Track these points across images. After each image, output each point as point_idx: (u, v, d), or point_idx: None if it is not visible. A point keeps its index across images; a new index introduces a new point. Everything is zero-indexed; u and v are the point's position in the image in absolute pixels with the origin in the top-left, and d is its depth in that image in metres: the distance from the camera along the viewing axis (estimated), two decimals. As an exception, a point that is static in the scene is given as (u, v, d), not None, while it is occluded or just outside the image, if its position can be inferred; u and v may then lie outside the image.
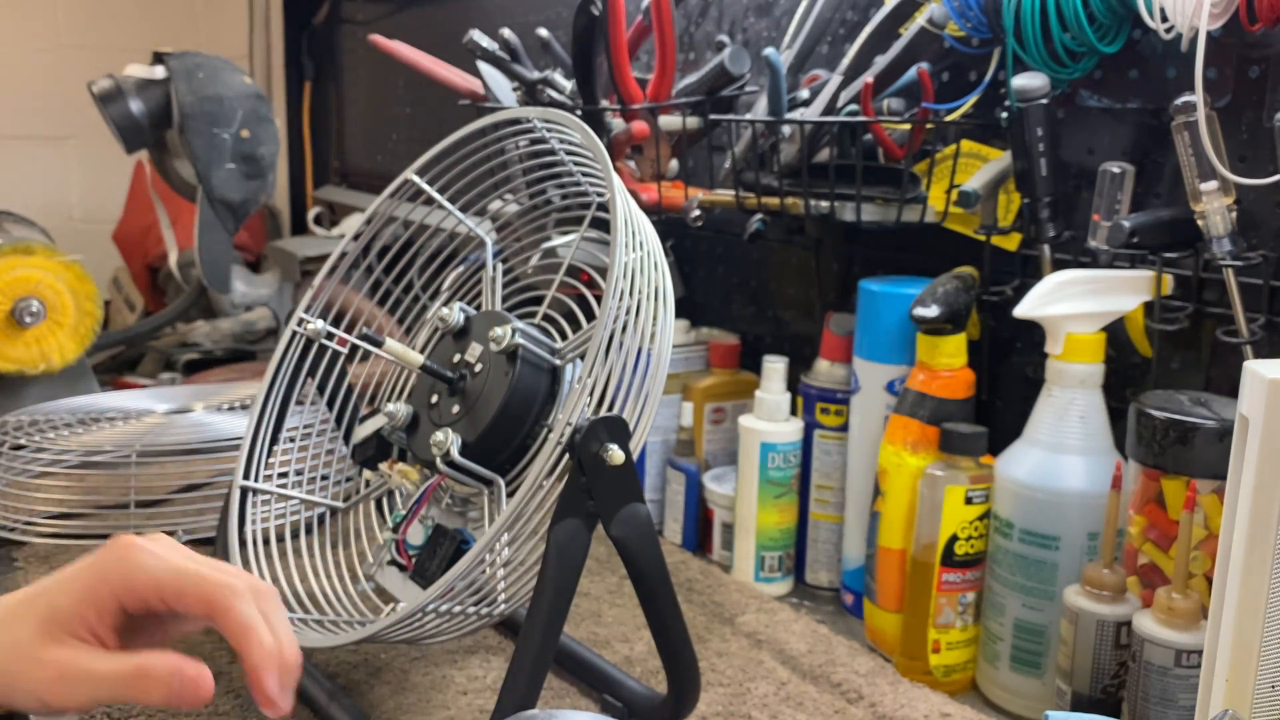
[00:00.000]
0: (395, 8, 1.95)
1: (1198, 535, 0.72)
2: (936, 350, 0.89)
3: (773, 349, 1.13)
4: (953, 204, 0.94)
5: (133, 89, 1.41)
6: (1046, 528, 0.80)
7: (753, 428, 1.00)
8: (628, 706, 0.80)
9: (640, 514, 0.69)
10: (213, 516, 1.05)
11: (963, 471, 0.84)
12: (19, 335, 1.29)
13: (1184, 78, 0.82)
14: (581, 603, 0.96)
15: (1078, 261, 0.88)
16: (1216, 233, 0.76)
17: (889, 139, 0.96)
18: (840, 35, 1.08)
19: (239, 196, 1.43)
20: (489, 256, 0.87)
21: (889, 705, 0.81)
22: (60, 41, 2.12)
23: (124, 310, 1.87)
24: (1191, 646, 0.69)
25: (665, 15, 1.00)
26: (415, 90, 1.88)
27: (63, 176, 2.14)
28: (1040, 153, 0.86)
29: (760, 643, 0.90)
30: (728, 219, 1.15)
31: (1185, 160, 0.76)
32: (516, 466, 0.75)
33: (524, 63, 1.14)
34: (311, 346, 0.88)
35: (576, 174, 0.81)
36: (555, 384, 0.75)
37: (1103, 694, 0.76)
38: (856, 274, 1.08)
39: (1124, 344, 0.86)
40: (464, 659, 0.87)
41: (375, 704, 0.80)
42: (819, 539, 1.03)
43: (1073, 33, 0.82)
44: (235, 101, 1.42)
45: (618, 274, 0.66)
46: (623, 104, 1.04)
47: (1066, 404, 0.80)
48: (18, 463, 1.07)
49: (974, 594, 0.85)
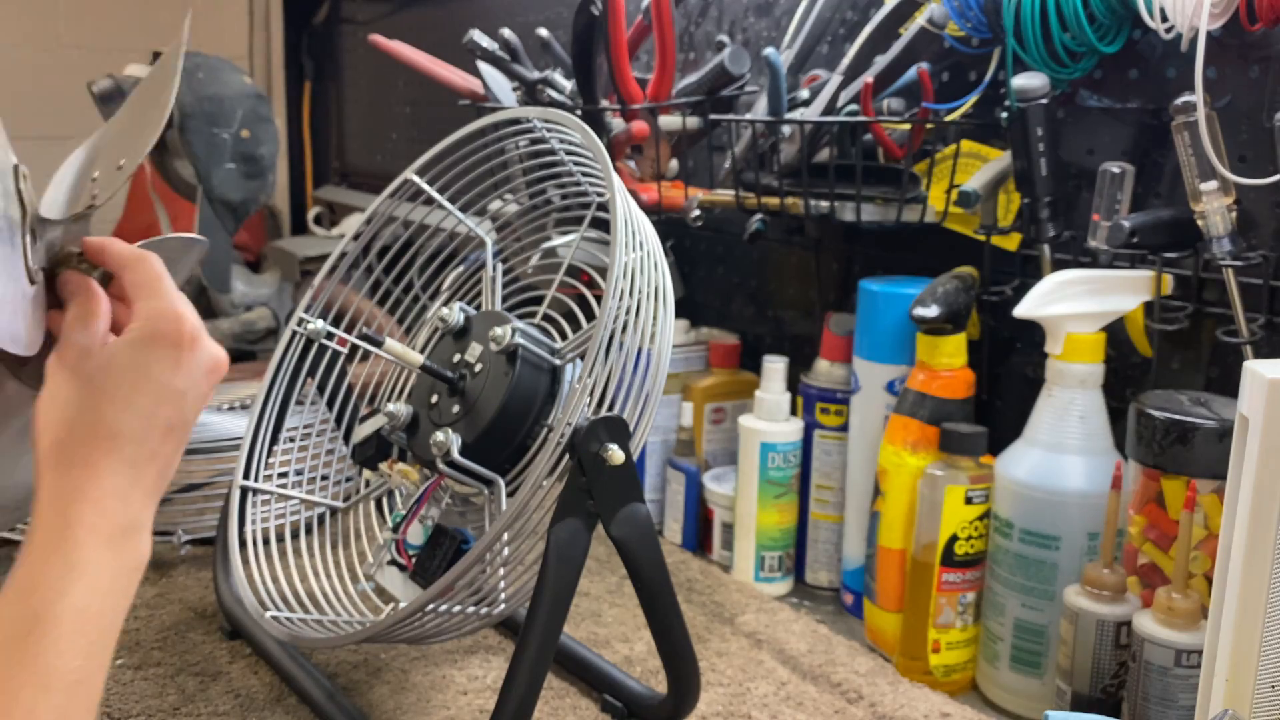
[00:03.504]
0: (395, 8, 1.95)
1: (1198, 535, 0.72)
2: (936, 350, 0.89)
3: (773, 349, 1.13)
4: (953, 204, 0.94)
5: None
6: (1046, 528, 0.80)
7: (753, 428, 1.00)
8: (628, 706, 0.80)
9: (640, 514, 0.69)
10: (213, 516, 1.05)
11: (963, 471, 0.84)
12: (19, 335, 1.29)
13: (1184, 78, 0.82)
14: (581, 603, 0.96)
15: (1078, 261, 0.88)
16: (1216, 233, 0.76)
17: (889, 139, 0.96)
18: (840, 35, 1.08)
19: (239, 196, 1.43)
20: (489, 256, 0.87)
21: (889, 705, 0.81)
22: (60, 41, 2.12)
23: (124, 310, 1.86)
24: (1191, 646, 0.69)
25: (665, 15, 1.00)
26: (415, 90, 1.88)
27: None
28: (1040, 153, 0.86)
29: (760, 643, 0.90)
30: (728, 219, 1.15)
31: (1185, 160, 0.76)
32: (516, 466, 0.75)
33: (524, 63, 1.14)
34: (311, 346, 0.88)
35: (576, 174, 0.81)
36: (555, 384, 0.75)
37: (1103, 694, 0.76)
38: (856, 274, 1.08)
39: (1124, 344, 0.86)
40: (464, 659, 0.87)
41: (375, 704, 0.80)
42: (819, 539, 1.03)
43: (1073, 33, 0.82)
44: (235, 101, 1.42)
45: (618, 274, 0.66)
46: (623, 104, 1.04)
47: (1066, 404, 0.80)
48: (18, 463, 1.07)
49: (974, 594, 0.85)
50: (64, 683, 0.47)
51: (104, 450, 0.53)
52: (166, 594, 0.96)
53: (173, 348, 0.55)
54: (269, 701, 0.80)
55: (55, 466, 0.52)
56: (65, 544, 0.50)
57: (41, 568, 0.49)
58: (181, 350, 0.55)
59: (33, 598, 0.49)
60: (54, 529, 0.51)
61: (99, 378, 0.54)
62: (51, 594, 0.49)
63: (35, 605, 0.48)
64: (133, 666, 0.84)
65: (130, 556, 0.52)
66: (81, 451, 0.52)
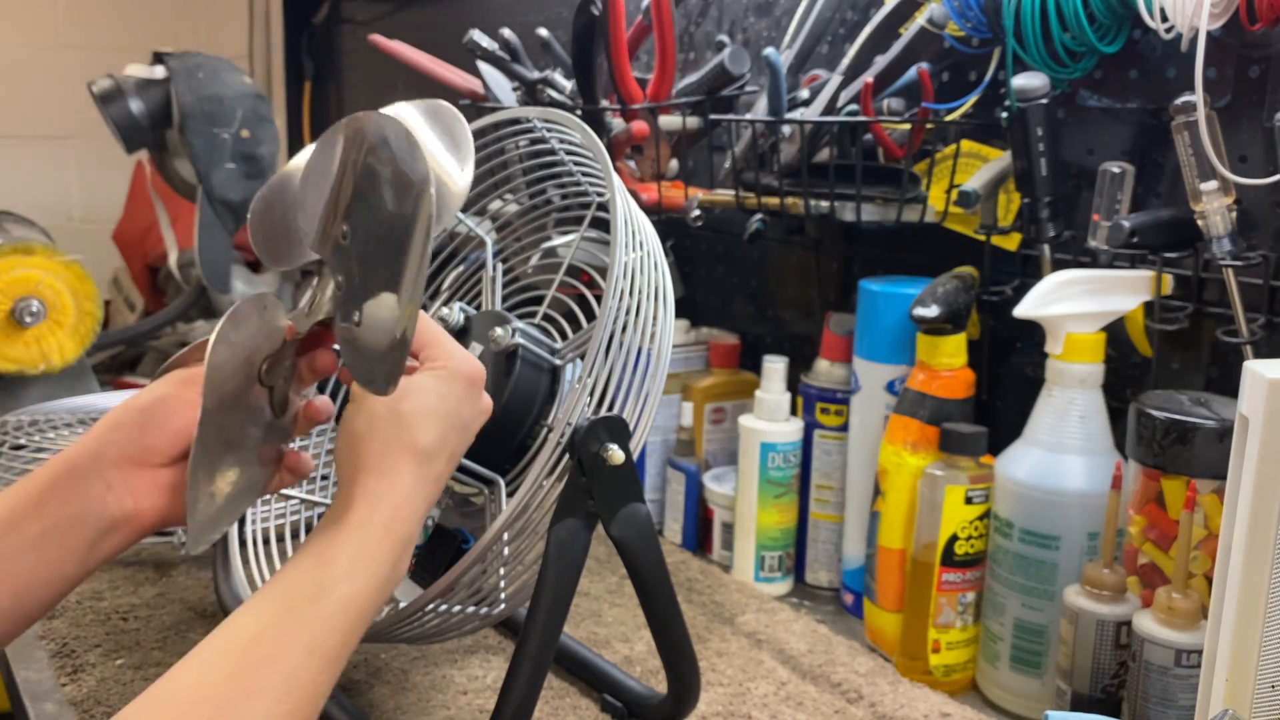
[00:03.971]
0: (395, 8, 1.95)
1: (1198, 535, 0.72)
2: (936, 350, 0.89)
3: (773, 349, 1.13)
4: (953, 204, 0.94)
5: (133, 89, 1.41)
6: (1046, 528, 0.80)
7: (753, 428, 1.00)
8: (628, 706, 0.80)
9: (640, 514, 0.69)
10: (213, 516, 1.05)
11: (963, 471, 0.84)
12: (19, 335, 1.29)
13: (1184, 78, 0.82)
14: (581, 603, 0.96)
15: (1078, 261, 0.88)
16: (1216, 233, 0.76)
17: (889, 139, 0.96)
18: (840, 35, 1.08)
19: (239, 196, 1.43)
20: (489, 256, 0.87)
21: (889, 705, 0.81)
22: (60, 41, 2.12)
23: (124, 310, 1.87)
24: (1191, 646, 0.69)
25: (665, 15, 1.00)
26: (415, 90, 1.87)
27: (63, 176, 2.14)
28: (1040, 153, 0.86)
29: (760, 643, 0.90)
30: (728, 219, 1.15)
31: (1185, 160, 0.76)
32: (517, 466, 0.75)
33: (524, 63, 1.14)
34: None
35: (576, 174, 0.81)
36: (555, 384, 0.75)
37: (1103, 694, 0.76)
38: (856, 274, 1.08)
39: (1124, 344, 0.86)
40: (464, 659, 0.87)
41: (375, 704, 0.80)
42: (819, 539, 1.03)
43: (1073, 33, 0.82)
44: (235, 101, 1.42)
45: (618, 274, 0.66)
46: (623, 104, 1.04)
47: (1066, 404, 0.80)
48: (18, 463, 1.07)
49: (974, 594, 0.85)
50: (326, 654, 0.53)
51: (407, 464, 0.59)
52: (166, 594, 0.96)
53: (468, 385, 0.63)
54: (269, 701, 0.80)
55: (372, 471, 0.58)
56: (364, 536, 0.56)
57: (339, 548, 0.56)
58: (474, 388, 0.63)
59: (325, 571, 0.55)
60: (359, 521, 0.57)
61: (408, 401, 0.60)
62: (339, 573, 0.55)
63: (325, 578, 0.54)
64: (133, 666, 0.84)
65: (401, 565, 0.59)
66: (389, 460, 0.59)
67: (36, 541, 0.58)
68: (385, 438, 0.59)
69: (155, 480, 0.62)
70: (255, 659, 0.51)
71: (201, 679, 0.50)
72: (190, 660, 0.51)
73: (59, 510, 0.59)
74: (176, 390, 0.63)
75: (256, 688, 0.50)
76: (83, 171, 2.14)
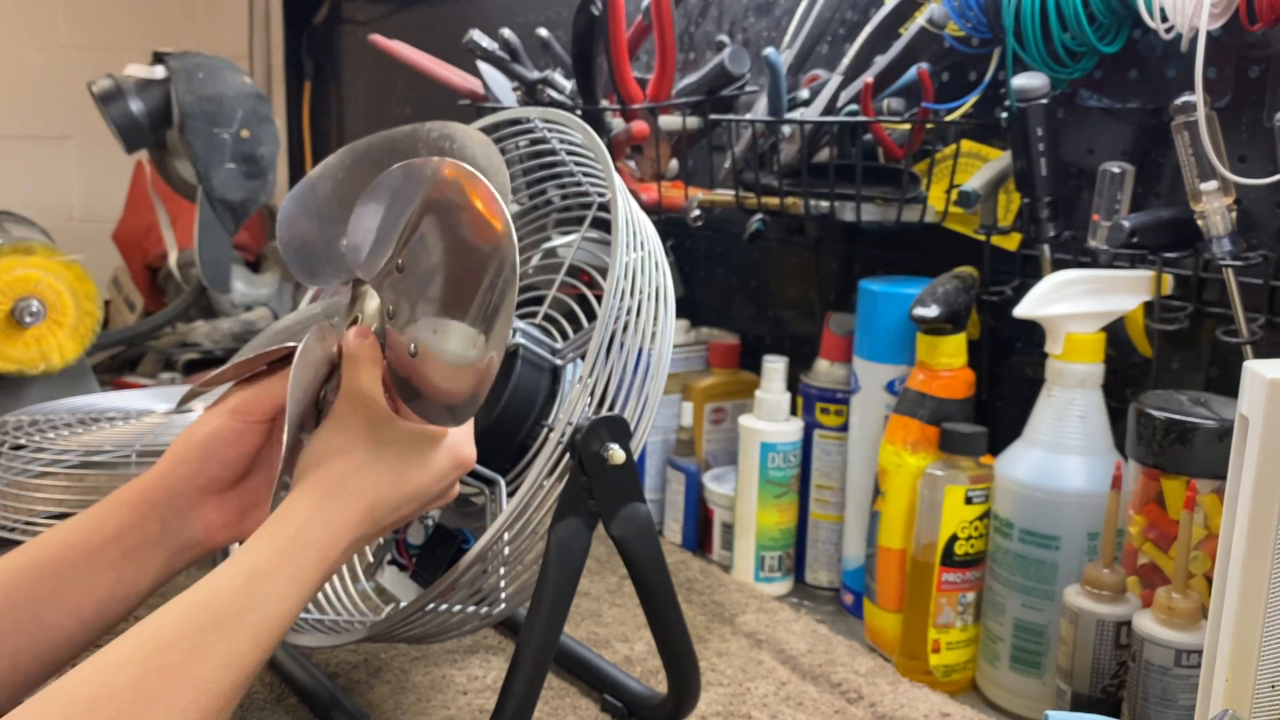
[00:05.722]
0: (395, 8, 1.95)
1: (1198, 535, 0.72)
2: (936, 350, 0.89)
3: (773, 349, 1.13)
4: (953, 204, 0.94)
5: (133, 89, 1.41)
6: (1046, 528, 0.80)
7: (753, 428, 1.00)
8: (628, 706, 0.80)
9: (641, 514, 0.69)
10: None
11: (963, 471, 0.84)
12: (19, 335, 1.29)
13: (1184, 78, 0.82)
14: (581, 603, 0.96)
15: (1078, 261, 0.88)
16: (1216, 233, 0.76)
17: (889, 139, 0.96)
18: (840, 35, 1.08)
19: (239, 196, 1.43)
20: (489, 256, 0.87)
21: (889, 705, 0.81)
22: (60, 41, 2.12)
23: (124, 310, 1.86)
24: (1191, 646, 0.69)
25: (665, 15, 1.00)
26: (415, 90, 1.88)
27: (63, 176, 2.14)
28: (1040, 153, 0.86)
29: (760, 643, 0.90)
30: (728, 219, 1.15)
31: (1185, 160, 0.76)
32: (517, 466, 0.75)
33: (524, 63, 1.14)
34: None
35: (577, 174, 0.81)
36: (556, 383, 0.75)
37: (1103, 694, 0.76)
38: (856, 274, 1.08)
39: (1124, 344, 0.86)
40: (464, 659, 0.87)
41: (375, 704, 0.81)
42: (819, 539, 1.03)
43: (1073, 33, 0.82)
44: (235, 101, 1.42)
45: (618, 274, 0.66)
46: (623, 104, 1.04)
47: (1066, 404, 0.80)
48: (18, 463, 1.07)
49: (974, 594, 0.85)
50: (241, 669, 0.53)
51: (363, 505, 0.60)
52: (167, 594, 0.96)
53: (454, 467, 0.64)
54: (269, 701, 0.80)
55: (328, 494, 0.59)
56: (302, 560, 0.57)
57: (276, 567, 0.56)
58: (456, 471, 0.65)
59: (256, 587, 0.55)
60: (301, 543, 0.57)
61: (394, 447, 0.61)
62: (270, 592, 0.55)
63: (255, 594, 0.55)
64: (133, 666, 0.84)
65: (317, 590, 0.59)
66: (348, 491, 0.60)
67: (117, 562, 0.63)
68: (351, 470, 0.60)
69: (221, 504, 0.66)
70: (167, 665, 0.50)
71: (107, 679, 0.49)
72: (98, 659, 0.50)
73: (136, 536, 0.63)
74: (226, 421, 0.66)
75: (163, 694, 0.49)
76: (83, 171, 2.14)
